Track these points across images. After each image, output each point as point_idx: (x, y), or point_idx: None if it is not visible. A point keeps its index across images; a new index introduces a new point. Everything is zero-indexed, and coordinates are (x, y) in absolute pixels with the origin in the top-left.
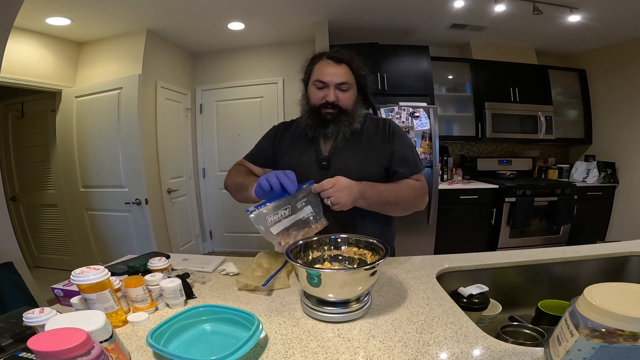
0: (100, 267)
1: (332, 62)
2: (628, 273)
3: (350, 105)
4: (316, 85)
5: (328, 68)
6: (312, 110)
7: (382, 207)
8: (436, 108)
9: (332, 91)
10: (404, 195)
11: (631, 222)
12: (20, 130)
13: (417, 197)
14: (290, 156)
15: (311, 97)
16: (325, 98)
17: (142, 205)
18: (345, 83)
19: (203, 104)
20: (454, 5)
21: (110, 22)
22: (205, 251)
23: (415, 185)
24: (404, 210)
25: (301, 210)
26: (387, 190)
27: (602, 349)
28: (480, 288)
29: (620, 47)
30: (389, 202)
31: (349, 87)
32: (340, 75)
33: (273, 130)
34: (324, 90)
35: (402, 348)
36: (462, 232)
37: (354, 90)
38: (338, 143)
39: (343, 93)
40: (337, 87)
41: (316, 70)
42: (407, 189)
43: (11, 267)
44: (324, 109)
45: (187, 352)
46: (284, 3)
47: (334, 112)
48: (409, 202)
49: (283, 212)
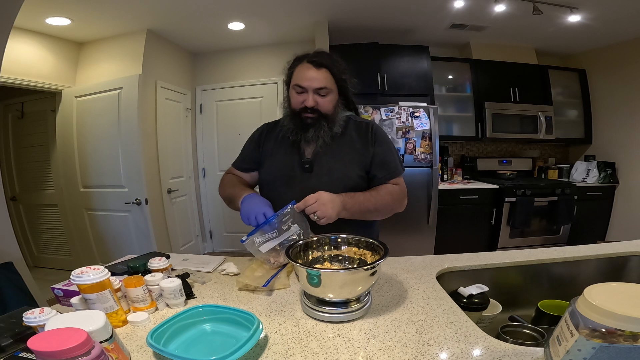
0: (100, 267)
1: (311, 67)
2: (628, 273)
3: (330, 109)
4: (295, 90)
5: (308, 72)
6: (293, 114)
7: (363, 215)
8: (436, 108)
9: (310, 96)
10: (382, 201)
11: (631, 222)
12: (20, 130)
13: (395, 201)
14: (273, 158)
15: (292, 101)
16: (304, 103)
17: (142, 205)
18: (324, 88)
19: (203, 104)
20: (454, 5)
21: (110, 22)
22: (205, 251)
23: (393, 190)
24: (384, 215)
25: (287, 230)
26: (366, 199)
27: (602, 349)
28: (480, 288)
29: (620, 47)
30: (369, 210)
31: (328, 92)
32: (320, 80)
33: (257, 133)
34: (303, 95)
35: (402, 348)
36: (462, 232)
37: (334, 95)
38: (318, 147)
39: (322, 98)
40: (316, 92)
41: (296, 75)
42: (386, 195)
43: (11, 267)
44: (303, 113)
45: (187, 352)
46: (284, 3)
47: (314, 116)
48: (388, 207)
49: (270, 235)
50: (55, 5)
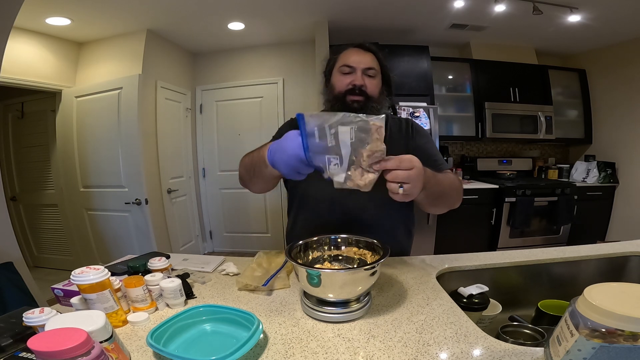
0: (100, 267)
1: (359, 50)
2: (628, 273)
3: (376, 93)
4: (342, 71)
5: (355, 54)
6: (336, 99)
7: (432, 199)
8: (436, 108)
9: (359, 74)
10: (452, 185)
11: (631, 222)
12: (20, 130)
13: (459, 189)
14: None
15: (336, 85)
16: (353, 82)
17: (142, 205)
18: (372, 69)
19: (203, 104)
20: (454, 5)
21: (110, 22)
22: (205, 251)
23: (452, 176)
24: (447, 203)
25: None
26: (442, 178)
27: (602, 349)
28: (480, 288)
29: (620, 47)
30: (443, 192)
31: (376, 73)
32: (368, 60)
33: (287, 124)
34: (351, 75)
35: (402, 348)
36: (462, 232)
37: (379, 79)
38: None
39: (370, 79)
40: (364, 71)
41: (342, 57)
42: (452, 177)
43: (11, 267)
44: (349, 96)
45: (187, 352)
46: (284, 3)
47: (361, 99)
48: (454, 192)
49: (323, 146)
50: (55, 5)
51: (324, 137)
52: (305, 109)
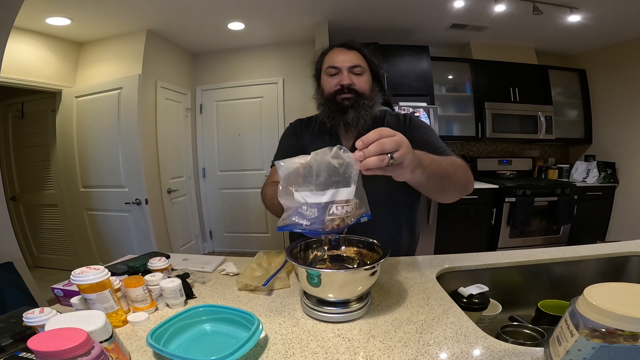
0: (100, 267)
1: (342, 49)
2: (628, 273)
3: (366, 89)
4: (329, 73)
5: (339, 54)
6: (327, 100)
7: (439, 180)
8: (436, 108)
9: (345, 74)
10: (455, 165)
11: (631, 222)
12: (20, 130)
13: (465, 171)
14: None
15: (325, 87)
16: (340, 82)
17: (142, 205)
18: (358, 66)
19: (203, 104)
20: (454, 5)
21: (110, 22)
22: (205, 251)
23: (454, 157)
24: (457, 185)
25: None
26: (440, 159)
27: (602, 349)
28: (480, 288)
29: (620, 47)
30: (446, 173)
31: (363, 70)
32: (353, 59)
33: (290, 127)
34: (337, 76)
35: (402, 348)
36: (462, 232)
37: (368, 75)
38: (360, 130)
39: (357, 77)
40: (350, 70)
41: (327, 59)
42: (453, 157)
43: (11, 267)
44: (339, 95)
45: (187, 352)
46: (284, 3)
47: (351, 96)
48: (461, 172)
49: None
50: (55, 5)
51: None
52: (306, 108)
